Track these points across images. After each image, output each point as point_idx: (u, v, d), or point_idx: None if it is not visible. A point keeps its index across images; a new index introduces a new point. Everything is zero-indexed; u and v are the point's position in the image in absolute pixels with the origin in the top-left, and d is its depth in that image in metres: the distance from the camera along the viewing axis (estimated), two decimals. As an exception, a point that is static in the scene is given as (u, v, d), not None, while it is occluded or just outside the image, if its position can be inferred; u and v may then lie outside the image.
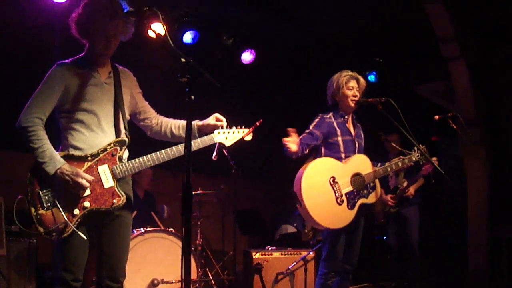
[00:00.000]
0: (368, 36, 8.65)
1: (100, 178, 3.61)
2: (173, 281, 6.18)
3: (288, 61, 9.39)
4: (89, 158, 3.62)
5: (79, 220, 3.51)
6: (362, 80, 5.03)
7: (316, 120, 4.97)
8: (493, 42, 8.01)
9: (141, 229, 6.34)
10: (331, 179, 4.71)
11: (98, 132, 3.69)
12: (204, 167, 5.66)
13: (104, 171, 3.63)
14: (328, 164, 4.81)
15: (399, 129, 4.63)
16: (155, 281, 6.17)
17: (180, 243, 5.99)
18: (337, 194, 4.69)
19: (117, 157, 3.68)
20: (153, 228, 6.47)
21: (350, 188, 4.77)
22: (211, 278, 7.25)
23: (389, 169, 4.98)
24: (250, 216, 8.82)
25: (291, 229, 9.24)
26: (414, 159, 5.09)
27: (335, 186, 4.70)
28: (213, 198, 7.59)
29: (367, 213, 5.09)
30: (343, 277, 4.95)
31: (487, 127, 8.26)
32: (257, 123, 4.01)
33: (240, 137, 4.01)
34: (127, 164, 3.69)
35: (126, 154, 3.80)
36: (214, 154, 4.12)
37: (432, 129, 6.90)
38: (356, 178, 4.82)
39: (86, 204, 3.53)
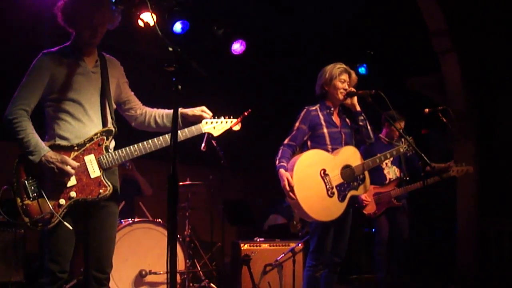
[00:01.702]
0: (359, 28, 8.63)
1: (87, 168, 3.57)
2: (161, 272, 6.15)
3: (279, 52, 9.35)
4: (75, 148, 3.58)
5: (65, 210, 3.47)
6: (354, 75, 5.03)
7: (302, 113, 4.95)
8: (485, 36, 8.01)
9: (129, 219, 6.30)
10: (322, 171, 4.70)
11: (84, 122, 3.65)
12: (192, 157, 5.63)
13: (90, 161, 3.59)
14: (319, 156, 4.79)
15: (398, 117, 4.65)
16: (143, 272, 6.13)
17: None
18: (328, 187, 4.67)
19: (104, 147, 3.64)
20: (140, 219, 6.43)
21: (340, 181, 4.76)
22: (199, 269, 7.22)
23: (378, 160, 5.01)
24: (238, 207, 8.80)
25: (280, 219, 9.23)
26: (401, 150, 5.26)
27: (326, 179, 4.69)
28: (202, 188, 7.55)
29: (356, 206, 5.10)
30: (331, 270, 4.94)
31: (477, 121, 8.28)
32: (245, 113, 4.02)
33: (228, 127, 3.98)
34: (113, 154, 3.65)
35: (112, 144, 3.77)
36: (203, 144, 4.12)
37: (422, 122, 6.88)
38: (346, 170, 4.81)
39: (72, 194, 3.49)
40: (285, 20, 8.65)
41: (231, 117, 4.02)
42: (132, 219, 6.32)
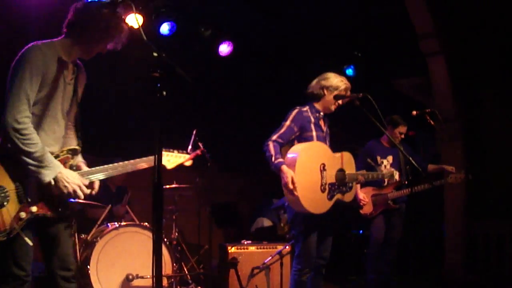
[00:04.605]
0: (347, 30, 8.62)
1: None
2: (148, 276, 6.08)
3: (266, 54, 9.33)
4: None
5: (24, 224, 3.31)
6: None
7: (293, 113, 4.92)
8: (472, 38, 8.03)
9: (116, 223, 6.24)
10: (322, 165, 4.74)
11: (46, 130, 3.47)
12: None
13: None
14: (323, 150, 4.85)
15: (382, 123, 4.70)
16: (130, 276, 6.06)
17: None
18: (322, 181, 4.72)
19: (69, 165, 3.53)
20: (127, 223, 6.36)
21: (333, 180, 4.81)
22: (186, 272, 7.17)
23: (369, 177, 5.18)
24: (225, 209, 8.77)
25: (267, 222, 9.20)
26: (385, 177, 5.95)
27: (323, 173, 4.73)
28: (189, 191, 7.50)
29: (346, 208, 5.12)
30: (317, 272, 4.94)
31: (464, 123, 8.30)
32: (198, 152, 4.14)
33: (181, 161, 3.97)
34: (77, 175, 3.51)
35: (79, 158, 3.68)
36: (190, 147, 4.12)
37: (409, 123, 6.89)
38: (340, 173, 4.87)
39: (34, 209, 3.34)
40: (273, 22, 8.63)
41: (184, 152, 4.00)
42: (119, 223, 6.26)
